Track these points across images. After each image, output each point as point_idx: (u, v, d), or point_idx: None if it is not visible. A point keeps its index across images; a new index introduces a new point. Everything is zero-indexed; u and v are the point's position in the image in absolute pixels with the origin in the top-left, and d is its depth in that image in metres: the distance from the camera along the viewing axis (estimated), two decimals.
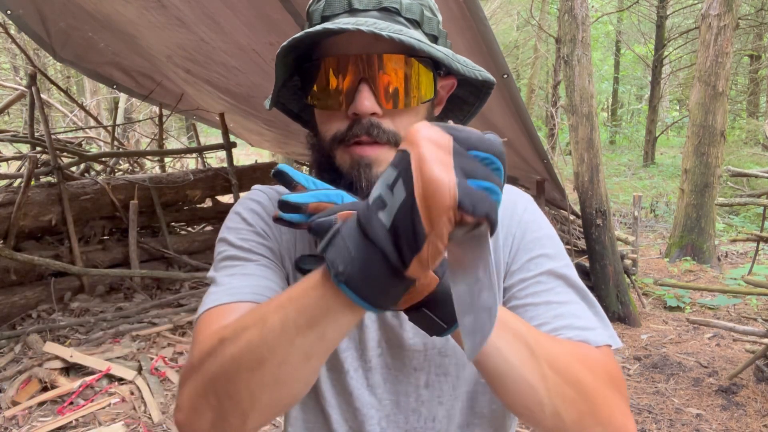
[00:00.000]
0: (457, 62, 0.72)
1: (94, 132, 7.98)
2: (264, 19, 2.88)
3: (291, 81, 0.81)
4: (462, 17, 2.26)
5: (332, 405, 0.81)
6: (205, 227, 6.14)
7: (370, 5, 0.70)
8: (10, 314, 4.07)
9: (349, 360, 0.80)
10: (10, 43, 9.05)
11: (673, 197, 10.50)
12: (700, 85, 6.36)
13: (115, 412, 2.98)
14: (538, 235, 0.80)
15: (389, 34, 0.63)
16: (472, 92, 0.85)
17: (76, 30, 4.27)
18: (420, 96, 0.72)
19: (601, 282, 4.56)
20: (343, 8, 0.71)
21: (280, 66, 0.72)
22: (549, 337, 0.66)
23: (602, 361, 0.67)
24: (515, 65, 18.47)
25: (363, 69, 0.69)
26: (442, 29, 0.77)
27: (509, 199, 0.83)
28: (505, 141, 3.75)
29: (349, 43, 0.70)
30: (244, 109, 5.02)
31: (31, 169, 4.02)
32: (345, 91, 0.70)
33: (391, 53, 0.69)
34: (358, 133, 0.70)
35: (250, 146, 7.72)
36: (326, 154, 0.74)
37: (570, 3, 4.60)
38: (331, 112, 0.72)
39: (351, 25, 0.64)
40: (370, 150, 0.70)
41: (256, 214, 0.82)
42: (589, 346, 0.68)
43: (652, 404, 3.18)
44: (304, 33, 0.66)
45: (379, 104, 0.69)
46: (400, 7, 0.71)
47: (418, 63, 0.71)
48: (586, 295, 0.77)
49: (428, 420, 0.80)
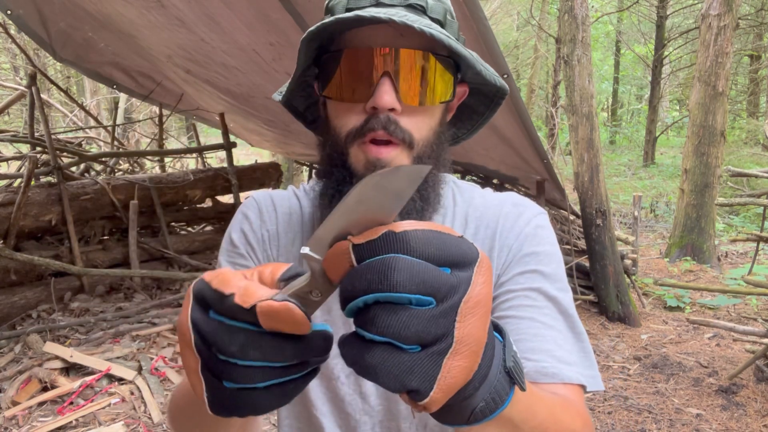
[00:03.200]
0: (482, 65, 0.71)
1: (94, 132, 7.98)
2: (264, 19, 2.88)
3: (302, 76, 0.79)
4: (462, 17, 2.26)
5: (324, 413, 0.80)
6: (205, 227, 6.14)
7: (397, 1, 0.69)
8: (10, 314, 4.07)
9: (339, 366, 0.79)
10: (10, 43, 9.05)
11: (673, 197, 10.50)
12: (700, 85, 6.36)
13: (115, 412, 2.98)
14: (536, 251, 0.76)
15: (421, 27, 0.62)
16: (483, 102, 0.83)
17: (76, 30, 4.27)
18: (439, 96, 0.71)
19: (601, 282, 4.56)
20: (369, 1, 0.69)
21: (303, 53, 0.70)
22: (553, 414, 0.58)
23: (582, 415, 0.63)
24: (515, 65, 18.47)
25: (386, 62, 0.67)
26: (461, 35, 0.76)
27: (515, 210, 0.80)
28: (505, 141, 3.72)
29: (373, 36, 0.68)
30: (244, 109, 5.02)
31: (31, 169, 4.02)
32: (365, 84, 0.68)
33: (416, 49, 0.67)
34: (375, 127, 0.68)
35: (250, 146, 7.72)
36: (340, 150, 0.72)
37: (570, 3, 4.60)
38: (349, 105, 0.70)
39: (383, 14, 0.62)
40: (385, 152, 0.68)
41: (243, 234, 0.83)
42: (572, 401, 0.65)
43: (652, 404, 3.18)
44: (335, 19, 0.64)
45: (399, 100, 0.68)
46: (426, 5, 0.70)
47: (440, 63, 0.69)
48: (575, 325, 0.73)
49: (419, 427, 0.79)
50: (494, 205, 0.81)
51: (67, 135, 6.28)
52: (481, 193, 0.84)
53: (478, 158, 4.57)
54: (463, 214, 0.81)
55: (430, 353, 0.38)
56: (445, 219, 0.81)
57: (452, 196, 0.83)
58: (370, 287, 0.37)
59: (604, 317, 4.56)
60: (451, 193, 0.83)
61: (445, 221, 0.81)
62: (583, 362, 0.71)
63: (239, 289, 0.41)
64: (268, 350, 0.41)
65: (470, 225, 0.80)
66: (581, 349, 0.72)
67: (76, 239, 4.49)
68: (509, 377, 0.46)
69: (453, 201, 0.83)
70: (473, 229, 0.80)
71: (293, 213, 0.84)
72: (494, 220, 0.79)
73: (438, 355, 0.38)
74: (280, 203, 0.85)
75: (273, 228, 0.83)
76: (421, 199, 0.72)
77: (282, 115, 4.40)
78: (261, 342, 0.40)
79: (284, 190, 0.88)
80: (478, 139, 3.80)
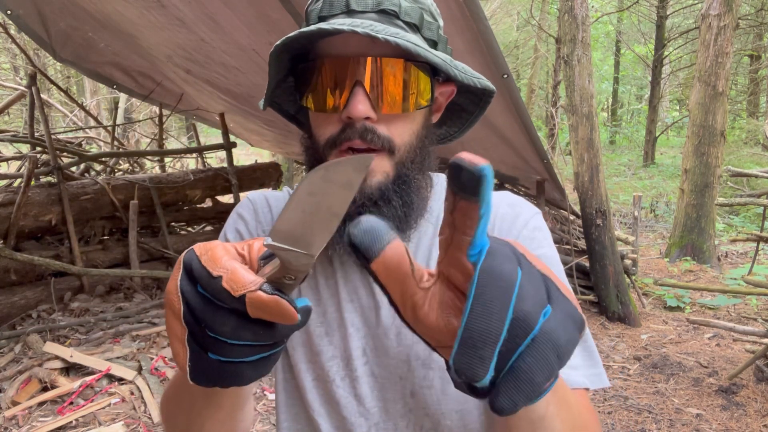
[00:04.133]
0: (455, 68, 0.70)
1: (94, 132, 7.98)
2: (264, 19, 2.88)
3: (286, 81, 0.80)
4: (462, 17, 2.26)
5: (321, 414, 0.80)
6: (205, 227, 6.14)
7: (368, 7, 0.69)
8: (10, 314, 4.07)
9: (334, 369, 0.78)
10: (10, 43, 9.05)
11: (673, 197, 10.50)
12: (700, 85, 6.36)
13: (115, 412, 2.98)
14: (536, 254, 0.75)
15: (385, 37, 0.61)
16: (473, 100, 0.83)
17: (76, 30, 4.27)
18: (416, 102, 0.70)
19: (601, 282, 4.56)
20: (340, 9, 0.69)
21: (274, 65, 0.70)
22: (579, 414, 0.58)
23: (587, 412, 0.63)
24: (515, 65, 18.47)
25: (358, 72, 0.66)
26: (443, 34, 0.76)
27: (511, 211, 0.79)
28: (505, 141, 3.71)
29: (346, 45, 0.68)
30: (244, 109, 5.03)
31: (31, 169, 4.02)
32: (339, 93, 0.68)
33: (388, 56, 0.67)
34: (351, 136, 0.68)
35: (250, 146, 7.72)
36: (319, 158, 0.72)
37: (570, 3, 4.60)
38: (325, 114, 0.70)
39: (346, 26, 0.62)
40: None
41: (238, 234, 0.84)
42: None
43: (652, 404, 3.18)
44: (298, 32, 0.64)
45: (373, 108, 0.67)
46: (399, 9, 0.69)
47: (415, 68, 0.69)
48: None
49: (416, 427, 0.78)
50: None
51: (67, 135, 6.27)
52: None
53: None
54: None
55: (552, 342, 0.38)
56: (438, 221, 0.80)
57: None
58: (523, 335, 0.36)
59: (604, 317, 4.56)
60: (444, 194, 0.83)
61: (438, 224, 0.80)
62: (587, 362, 0.71)
63: (227, 272, 0.43)
64: (259, 332, 0.44)
65: None
66: (584, 348, 0.72)
67: (76, 239, 4.49)
68: None
69: None
70: None
71: None
72: (490, 223, 0.78)
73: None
74: (276, 204, 0.86)
75: (269, 228, 0.84)
76: (404, 206, 0.72)
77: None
78: (252, 325, 0.43)
79: (280, 192, 0.89)
80: (477, 138, 3.80)
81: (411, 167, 0.72)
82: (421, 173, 0.75)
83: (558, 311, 0.38)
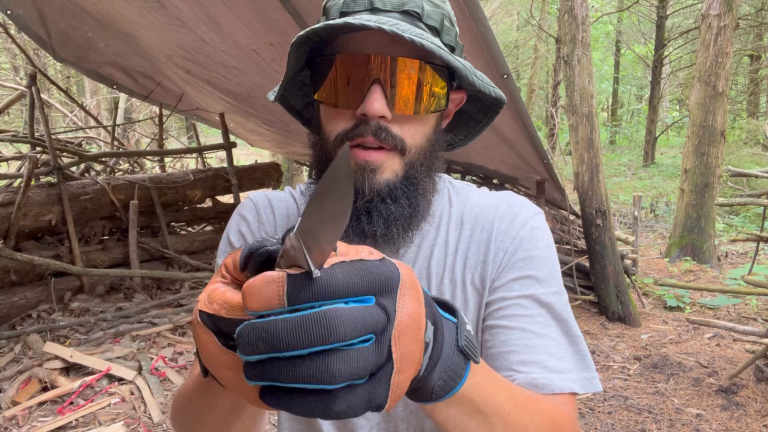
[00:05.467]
0: (474, 75, 0.71)
1: (94, 132, 7.99)
2: (264, 19, 2.88)
3: (298, 76, 0.79)
4: (462, 17, 2.26)
5: None
6: (205, 227, 6.14)
7: (392, 6, 0.68)
8: (10, 314, 4.07)
9: None
10: (10, 43, 9.05)
11: (673, 197, 10.50)
12: (700, 85, 6.36)
13: (115, 412, 2.98)
14: (531, 255, 0.75)
15: (411, 37, 0.61)
16: (481, 109, 0.83)
17: (76, 30, 4.27)
18: (431, 105, 0.70)
19: (601, 282, 4.56)
20: (364, 6, 0.69)
21: (293, 56, 0.69)
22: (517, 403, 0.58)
23: (551, 412, 0.63)
24: (515, 65, 18.47)
25: (377, 70, 0.66)
26: (459, 42, 0.76)
27: (510, 211, 0.79)
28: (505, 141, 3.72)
29: (366, 42, 0.68)
30: (244, 109, 5.03)
31: (31, 169, 4.02)
32: (356, 90, 0.67)
33: (408, 57, 0.67)
34: (364, 133, 0.67)
35: (250, 146, 7.72)
36: (329, 154, 0.71)
37: (570, 3, 4.60)
38: (339, 110, 0.70)
39: (373, 22, 0.62)
40: (375, 155, 0.68)
41: (241, 235, 0.83)
42: (543, 396, 0.65)
43: (652, 404, 3.18)
44: (324, 24, 0.63)
45: (389, 107, 0.67)
46: (422, 12, 0.69)
47: (433, 71, 0.69)
48: (569, 329, 0.73)
49: (417, 430, 0.78)
50: (490, 206, 0.80)
51: (67, 135, 6.28)
52: (477, 192, 0.84)
53: (478, 158, 4.57)
54: (459, 215, 0.81)
55: (378, 379, 0.39)
56: (441, 222, 0.81)
57: (448, 196, 0.83)
58: (316, 341, 0.36)
59: (604, 317, 4.56)
60: (447, 194, 0.83)
61: (440, 225, 0.80)
62: (578, 366, 0.71)
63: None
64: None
65: (465, 226, 0.80)
66: (576, 352, 0.72)
67: (76, 239, 4.49)
68: (463, 355, 0.49)
69: (449, 202, 0.82)
70: (468, 231, 0.79)
71: (290, 214, 0.84)
72: (490, 222, 0.78)
73: (385, 378, 0.40)
74: (278, 204, 0.85)
75: (271, 229, 0.83)
76: (410, 206, 0.72)
77: (282, 115, 4.40)
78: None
79: (281, 191, 0.88)
80: (478, 139, 3.79)
81: (420, 169, 0.72)
82: (428, 176, 0.75)
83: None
